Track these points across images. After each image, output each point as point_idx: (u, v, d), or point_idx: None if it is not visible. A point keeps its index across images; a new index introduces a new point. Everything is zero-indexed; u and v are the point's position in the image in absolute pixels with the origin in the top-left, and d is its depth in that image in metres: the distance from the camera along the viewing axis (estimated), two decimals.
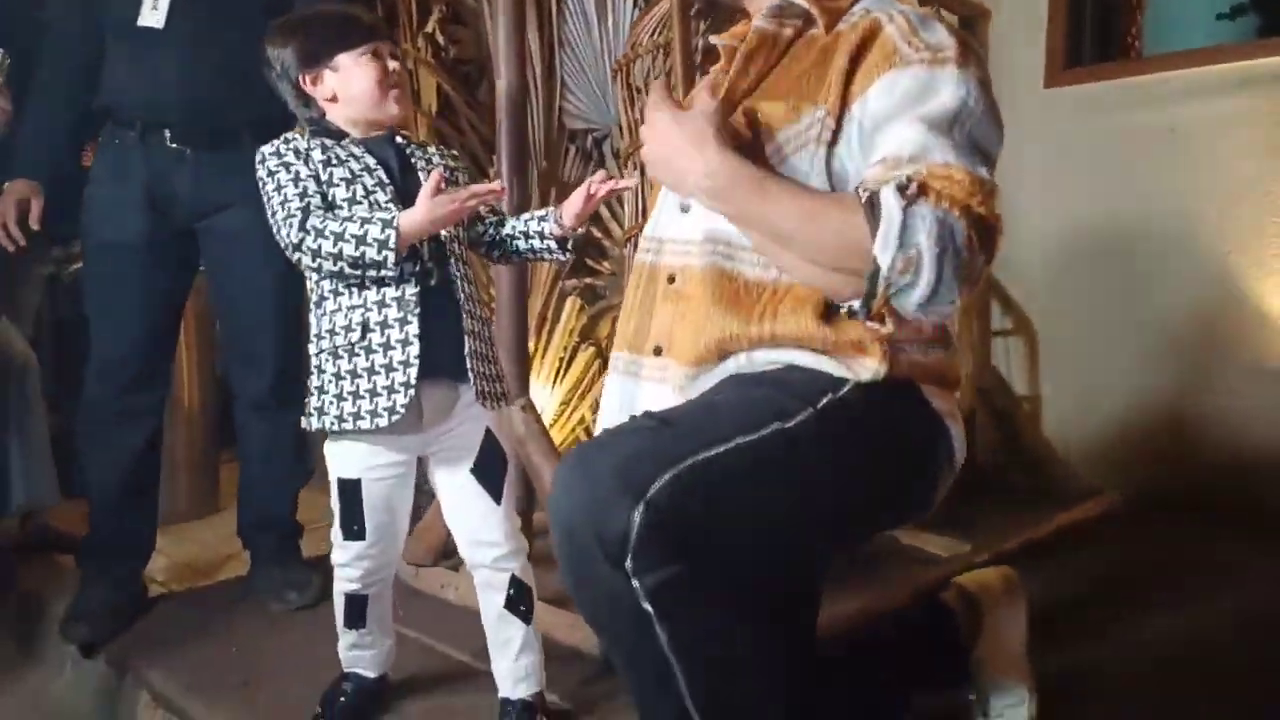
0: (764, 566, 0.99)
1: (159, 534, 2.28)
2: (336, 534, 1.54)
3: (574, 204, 1.49)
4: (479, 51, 2.99)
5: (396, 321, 1.42)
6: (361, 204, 1.44)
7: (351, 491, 1.50)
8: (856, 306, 1.05)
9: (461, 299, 1.49)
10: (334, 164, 1.45)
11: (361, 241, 1.36)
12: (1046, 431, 3.02)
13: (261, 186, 1.45)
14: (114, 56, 2.03)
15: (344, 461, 1.50)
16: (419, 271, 1.44)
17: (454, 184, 1.53)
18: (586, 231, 1.45)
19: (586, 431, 2.84)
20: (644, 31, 2.46)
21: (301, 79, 1.48)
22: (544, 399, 2.78)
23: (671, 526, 0.90)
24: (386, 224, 1.36)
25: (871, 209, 1.01)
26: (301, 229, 1.39)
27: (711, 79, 1.42)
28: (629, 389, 1.21)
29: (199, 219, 2.08)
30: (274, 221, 1.43)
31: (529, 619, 1.56)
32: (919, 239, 0.99)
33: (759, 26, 1.23)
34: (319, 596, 2.10)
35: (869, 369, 1.07)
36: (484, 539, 1.54)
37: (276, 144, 1.47)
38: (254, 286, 2.08)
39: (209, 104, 2.02)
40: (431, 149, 1.59)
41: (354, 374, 1.43)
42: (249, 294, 2.10)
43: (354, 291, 1.44)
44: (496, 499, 1.54)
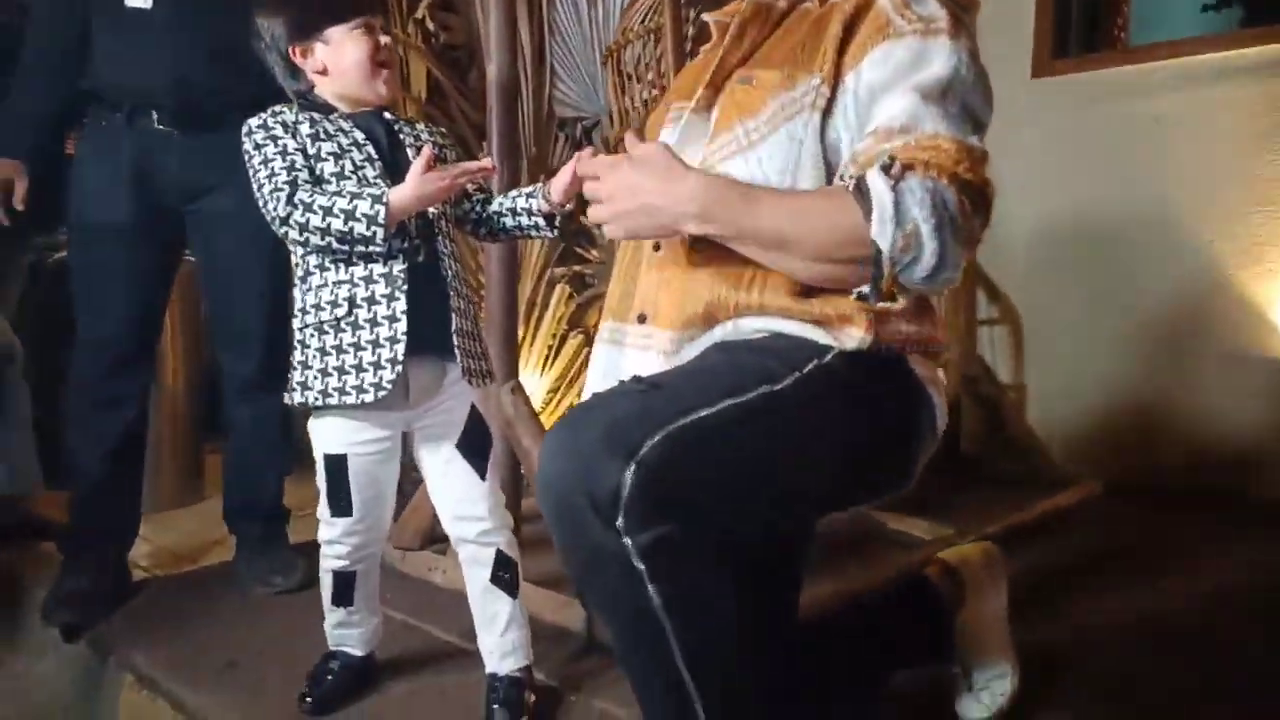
0: (752, 526, 0.99)
1: (143, 522, 2.26)
2: (324, 510, 1.54)
3: (562, 180, 1.47)
4: (469, 37, 2.99)
5: (384, 298, 1.42)
6: (350, 179, 1.43)
7: (337, 467, 1.50)
8: (866, 290, 1.05)
9: (448, 276, 1.49)
10: (322, 138, 1.44)
11: (350, 217, 1.35)
12: (1030, 419, 3.04)
13: (247, 159, 1.44)
14: (101, 38, 2.01)
15: (329, 437, 1.49)
16: (407, 248, 1.44)
17: (443, 162, 1.52)
18: (574, 210, 1.45)
19: None
20: (634, 18, 2.46)
21: (291, 50, 1.47)
22: (532, 386, 2.78)
23: (662, 486, 0.90)
24: (376, 199, 1.35)
25: (861, 194, 1.03)
26: (289, 203, 1.37)
27: (700, 59, 1.43)
28: (613, 357, 1.21)
29: (186, 201, 2.07)
30: (260, 195, 1.42)
31: (515, 593, 1.56)
32: (913, 213, 1.01)
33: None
34: (304, 581, 2.09)
35: (855, 338, 1.08)
36: (469, 514, 1.54)
37: (264, 116, 1.45)
38: (241, 269, 2.08)
39: (197, 85, 2.01)
40: (420, 126, 1.59)
41: (340, 349, 1.43)
42: (236, 276, 2.09)
43: (340, 267, 1.43)
44: (481, 474, 1.54)
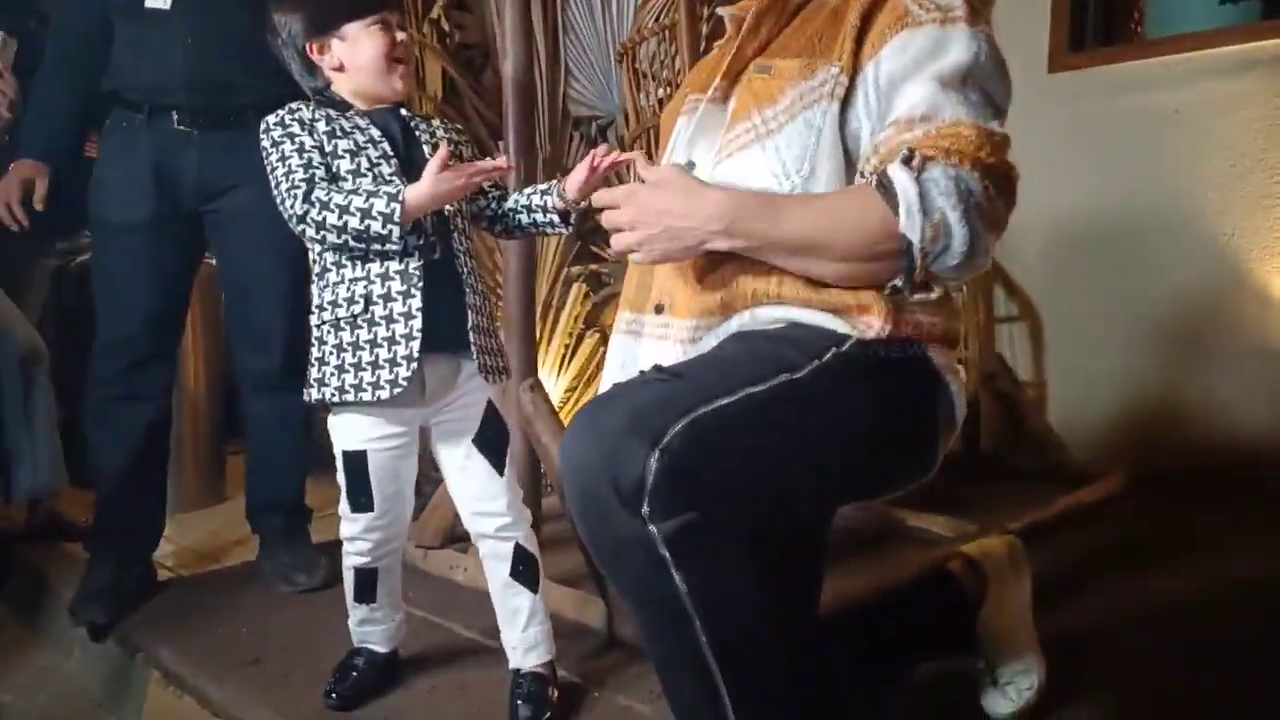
0: (775, 513, 1.00)
1: (166, 522, 2.28)
2: (344, 507, 1.55)
3: (577, 177, 1.48)
4: (483, 37, 3.00)
5: (399, 295, 1.43)
6: (366, 176, 1.44)
7: (357, 463, 1.51)
8: (899, 284, 1.06)
9: (464, 273, 1.50)
10: (338, 135, 1.45)
11: (366, 215, 1.36)
12: (1050, 415, 3.02)
13: (265, 157, 1.45)
14: (121, 38, 2.04)
15: (347, 434, 1.51)
16: (422, 245, 1.45)
17: (458, 158, 1.53)
18: (588, 207, 1.45)
19: None
20: (649, 15, 2.47)
21: (308, 47, 1.48)
22: (549, 385, 2.78)
23: (686, 473, 0.90)
24: (392, 198, 1.36)
25: (885, 190, 1.03)
26: (305, 201, 1.39)
27: (714, 54, 1.43)
28: (630, 347, 1.22)
29: (206, 201, 2.09)
30: (278, 193, 1.43)
31: (535, 587, 1.57)
32: (939, 203, 1.02)
33: None
34: (327, 579, 2.11)
35: (874, 327, 1.08)
36: (488, 509, 1.55)
37: (281, 114, 1.46)
38: (261, 267, 2.09)
39: (216, 86, 2.03)
40: (435, 122, 1.59)
41: (355, 346, 1.44)
42: (256, 275, 2.11)
43: (357, 264, 1.44)
44: (499, 469, 1.55)
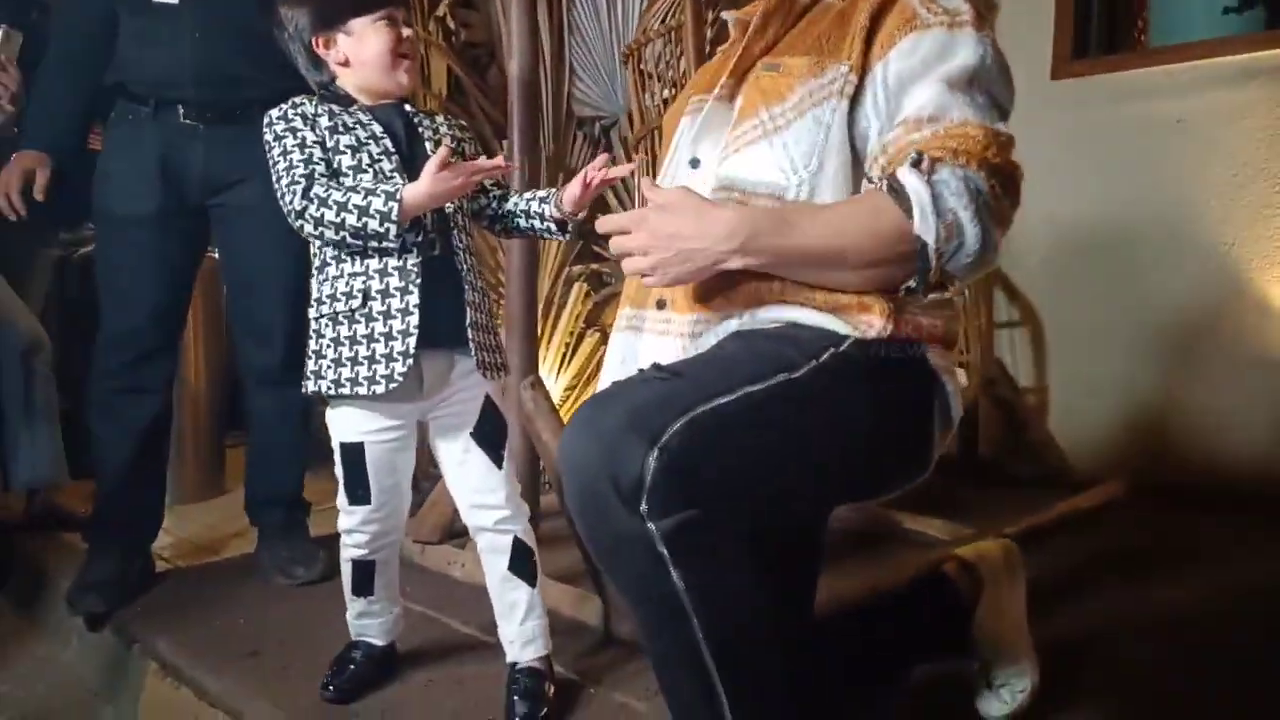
0: (773, 512, 1.00)
1: (165, 514, 2.29)
2: (342, 500, 1.56)
3: (572, 191, 1.50)
4: (489, 35, 3.01)
5: (397, 291, 1.44)
6: (367, 172, 1.45)
7: (354, 456, 1.52)
8: (914, 285, 1.08)
9: (463, 270, 1.51)
10: (340, 131, 1.47)
11: (364, 212, 1.38)
12: (1050, 421, 3.03)
13: (267, 150, 1.47)
14: (127, 31, 2.04)
15: (345, 427, 1.52)
16: (421, 241, 1.46)
17: (460, 155, 1.54)
18: (588, 216, 1.47)
19: None
20: (654, 16, 2.47)
21: (315, 41, 1.49)
22: (549, 383, 2.79)
23: (685, 471, 0.91)
24: (390, 196, 1.37)
25: (895, 193, 1.05)
26: (304, 197, 1.40)
27: (717, 58, 1.44)
28: (630, 343, 1.22)
29: (211, 194, 2.10)
30: (278, 187, 1.45)
31: (533, 581, 1.57)
32: (951, 203, 1.04)
33: None
34: (325, 572, 2.11)
35: (874, 327, 1.09)
36: (485, 502, 1.56)
37: (284, 108, 1.48)
38: (265, 261, 2.10)
39: (223, 80, 2.04)
40: (439, 118, 1.60)
41: (353, 340, 1.45)
42: (260, 269, 2.12)
43: (356, 259, 1.45)
44: (497, 462, 1.56)
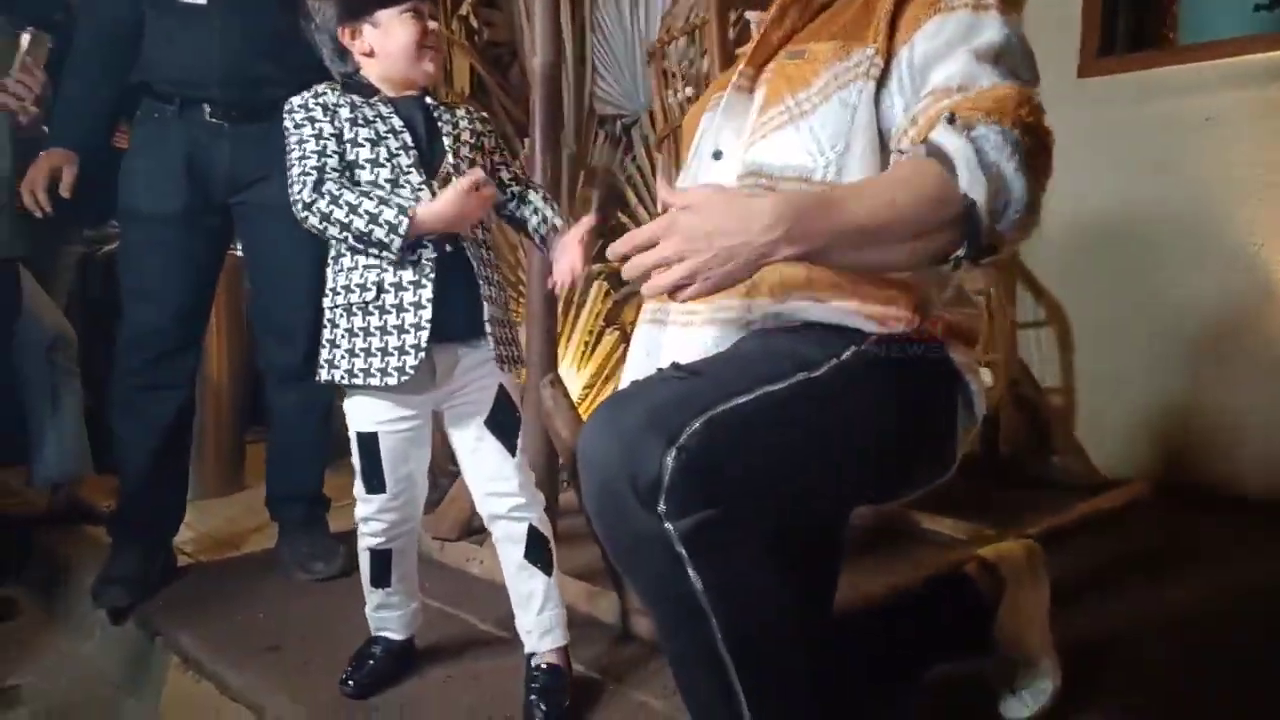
0: (793, 512, 1.00)
1: (186, 509, 2.31)
2: (359, 489, 1.58)
3: (560, 264, 1.57)
4: (512, 35, 3.01)
5: (411, 284, 1.46)
6: (384, 166, 1.47)
7: (370, 445, 1.54)
8: (963, 253, 1.00)
9: (476, 264, 1.52)
10: (360, 123, 1.48)
11: (373, 220, 1.40)
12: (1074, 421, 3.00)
13: (285, 136, 1.49)
14: (154, 30, 2.05)
15: (360, 416, 1.54)
16: (436, 238, 1.47)
17: (479, 149, 1.58)
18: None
19: None
20: (677, 15, 2.47)
21: (341, 32, 1.51)
22: (568, 382, 2.79)
23: (703, 471, 0.90)
24: (401, 210, 1.40)
25: (935, 156, 1.00)
26: (315, 190, 1.43)
27: (739, 61, 1.43)
28: (654, 335, 1.22)
29: (235, 192, 2.11)
30: (290, 176, 1.47)
31: (549, 570, 1.58)
32: (993, 156, 0.98)
33: None
34: (345, 568, 2.13)
35: (901, 320, 1.08)
36: (500, 489, 1.57)
37: (306, 96, 1.50)
38: (287, 259, 2.10)
39: (248, 80, 2.05)
40: (460, 111, 1.60)
41: (366, 332, 1.47)
42: (283, 266, 2.13)
43: (369, 249, 1.47)
44: (511, 450, 1.57)
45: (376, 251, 1.44)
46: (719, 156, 1.24)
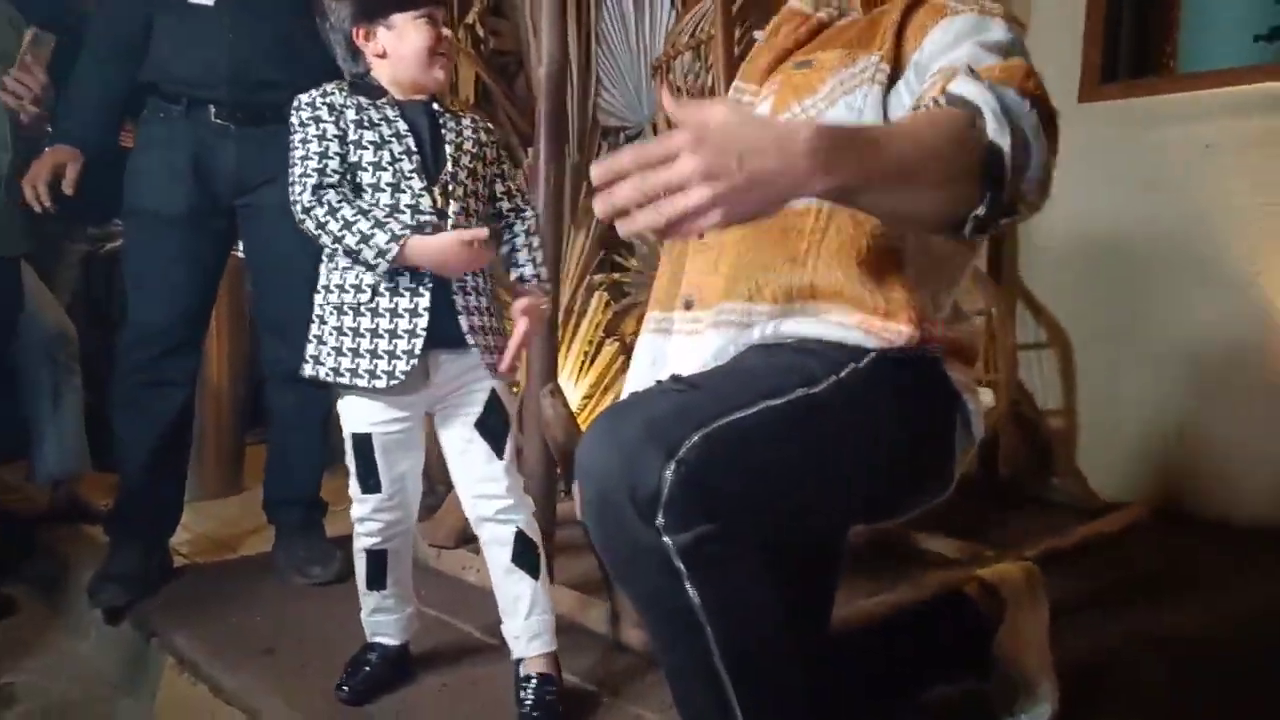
0: (790, 527, 1.00)
1: (184, 510, 2.31)
2: (354, 489, 1.59)
3: (512, 341, 1.57)
4: (518, 44, 3.02)
5: (408, 290, 1.48)
6: (386, 170, 1.49)
7: (364, 446, 1.55)
8: (983, 211, 0.95)
9: (470, 276, 1.54)
10: (366, 125, 1.50)
11: (364, 240, 1.43)
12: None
13: (290, 133, 1.51)
14: (162, 31, 2.06)
15: (354, 417, 1.55)
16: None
17: (480, 159, 1.60)
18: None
19: None
20: (684, 30, 2.48)
21: (355, 32, 1.53)
22: (567, 393, 2.80)
23: (702, 485, 0.90)
24: (395, 237, 1.42)
25: (960, 105, 0.96)
26: (314, 196, 1.46)
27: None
28: (658, 345, 1.23)
29: (240, 194, 2.11)
30: (290, 175, 1.49)
31: (537, 574, 1.58)
32: (1015, 111, 0.96)
33: (792, 7, 1.31)
34: (342, 572, 2.12)
35: (902, 334, 1.07)
36: (488, 491, 1.58)
37: (314, 95, 1.51)
38: (291, 260, 2.09)
39: (255, 82, 2.06)
40: (466, 120, 1.61)
41: (356, 332, 1.49)
42: (286, 267, 2.12)
43: None
44: (499, 453, 1.58)
45: (362, 268, 1.47)
46: None
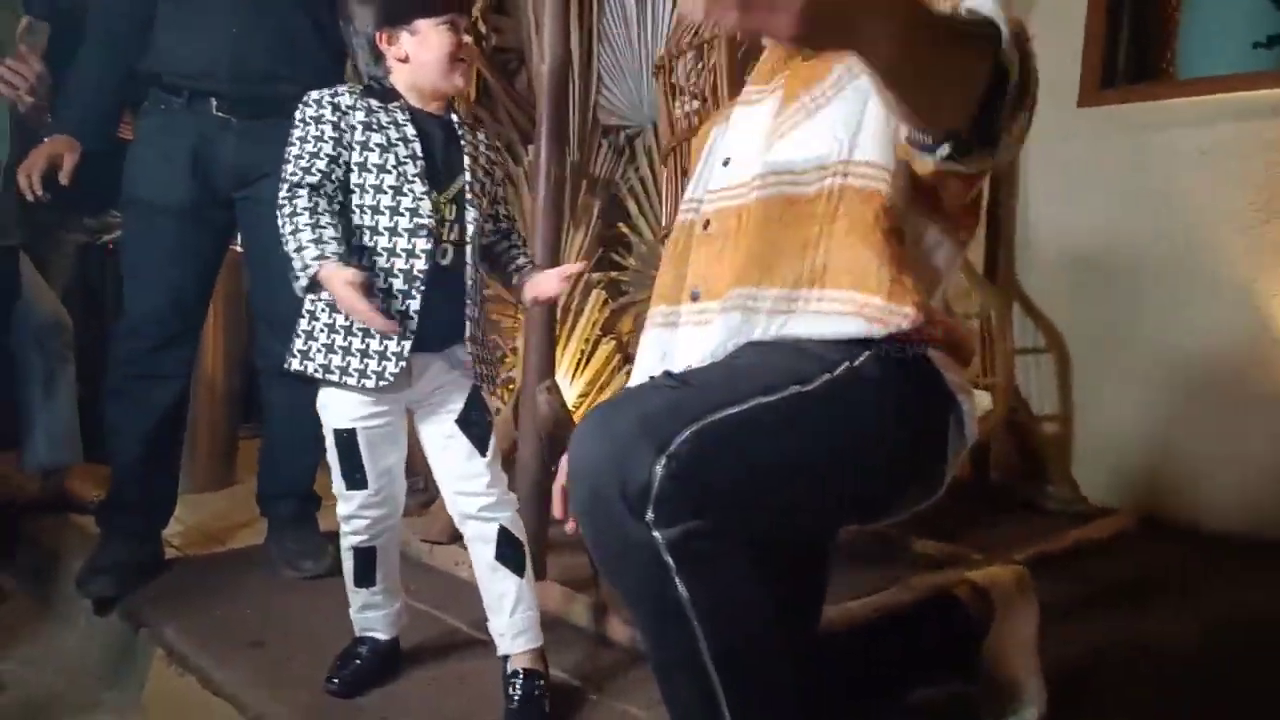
0: (780, 524, 1.00)
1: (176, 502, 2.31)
2: (340, 486, 1.59)
3: (540, 287, 1.59)
4: (520, 41, 3.02)
5: (400, 293, 1.49)
6: (390, 173, 1.50)
7: (349, 441, 1.55)
8: (967, 139, 0.94)
9: (469, 284, 1.56)
10: (374, 128, 1.51)
11: (298, 250, 1.45)
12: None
13: (293, 126, 1.52)
14: (164, 22, 2.06)
15: (337, 413, 1.55)
16: (433, 249, 1.50)
17: (489, 176, 1.63)
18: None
19: None
20: (686, 30, 2.48)
21: (378, 37, 1.54)
22: (564, 390, 2.80)
23: (692, 480, 0.91)
24: (320, 258, 1.41)
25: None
26: (289, 193, 1.47)
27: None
28: (666, 338, 1.23)
29: (240, 187, 2.11)
30: (283, 165, 1.50)
31: (521, 571, 1.59)
32: (1008, 40, 0.92)
33: None
34: (333, 567, 2.11)
35: (908, 317, 1.07)
36: (469, 489, 1.58)
37: (324, 93, 1.52)
38: (285, 255, 2.11)
39: (257, 74, 2.06)
40: (480, 136, 1.65)
41: (347, 331, 1.49)
42: (283, 263, 2.12)
43: (364, 253, 1.50)
44: (482, 450, 1.58)
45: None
46: (728, 164, 1.25)
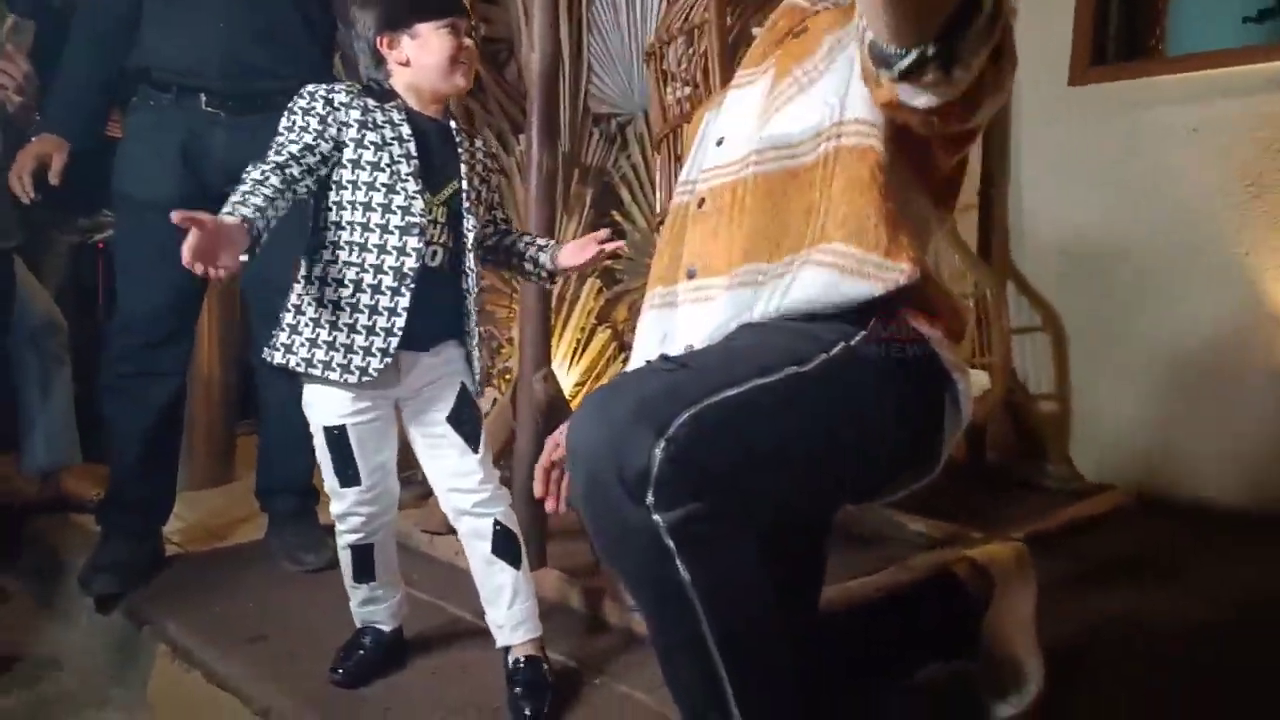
0: (780, 505, 1.00)
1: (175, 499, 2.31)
2: (332, 483, 1.58)
3: (576, 254, 1.57)
4: (510, 31, 3.01)
5: (389, 289, 1.48)
6: (384, 171, 1.49)
7: (340, 438, 1.55)
8: (931, 51, 0.91)
9: (467, 289, 1.56)
10: (370, 127, 1.50)
11: (231, 202, 1.38)
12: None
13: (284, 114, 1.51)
14: (152, 18, 2.05)
15: (326, 410, 1.54)
16: (421, 248, 1.50)
17: (485, 182, 1.63)
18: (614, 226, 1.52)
19: None
20: (676, 15, 2.47)
21: (379, 40, 1.53)
22: (560, 379, 2.80)
23: (692, 463, 0.91)
24: (240, 207, 1.36)
25: None
26: (253, 166, 1.43)
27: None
28: (665, 318, 1.23)
29: (230, 183, 2.06)
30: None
31: (517, 563, 1.59)
32: None
33: (791, 1, 1.31)
34: (333, 560, 2.10)
35: (904, 273, 1.08)
36: (462, 485, 1.58)
37: (321, 88, 1.51)
38: (282, 250, 2.10)
39: (245, 69, 2.05)
40: (478, 142, 1.65)
41: (334, 326, 1.49)
42: (277, 258, 2.12)
43: (354, 249, 1.49)
44: (474, 447, 1.59)
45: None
46: (721, 143, 1.27)
